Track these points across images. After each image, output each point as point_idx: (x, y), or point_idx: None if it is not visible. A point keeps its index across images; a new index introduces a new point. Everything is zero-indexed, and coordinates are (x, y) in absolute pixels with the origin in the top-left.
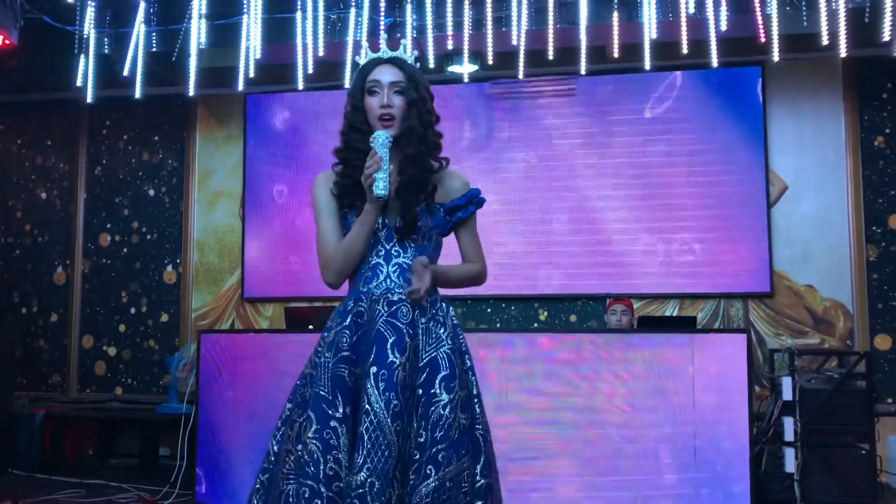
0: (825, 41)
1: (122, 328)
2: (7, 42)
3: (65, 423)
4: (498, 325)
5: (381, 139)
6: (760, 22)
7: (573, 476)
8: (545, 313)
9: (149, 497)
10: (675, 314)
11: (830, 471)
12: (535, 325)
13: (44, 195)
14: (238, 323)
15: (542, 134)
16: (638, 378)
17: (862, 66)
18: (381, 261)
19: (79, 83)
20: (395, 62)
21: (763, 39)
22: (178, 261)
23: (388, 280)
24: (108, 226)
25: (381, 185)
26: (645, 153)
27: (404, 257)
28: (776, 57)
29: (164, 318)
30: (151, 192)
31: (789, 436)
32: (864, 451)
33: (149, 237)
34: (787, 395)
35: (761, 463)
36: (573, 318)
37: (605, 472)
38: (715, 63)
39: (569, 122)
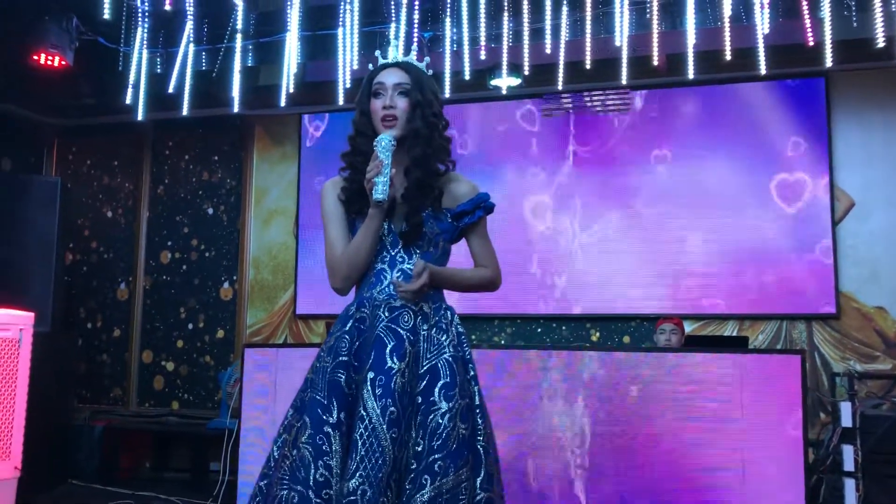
0: (881, 44)
1: (179, 344)
2: (63, 63)
3: (123, 435)
4: (549, 344)
5: (383, 143)
6: (809, 26)
7: (612, 500)
8: (597, 334)
9: None
10: (734, 335)
11: None
12: (587, 345)
13: (109, 214)
14: (290, 339)
15: (597, 150)
16: (682, 401)
17: None
18: (385, 267)
19: (128, 101)
20: (402, 65)
21: (812, 43)
22: (235, 278)
23: (392, 286)
24: (169, 243)
25: (380, 188)
26: (703, 168)
27: (409, 263)
28: (829, 62)
29: (220, 334)
30: (210, 211)
31: (849, 465)
32: None
33: (207, 254)
34: (847, 421)
35: (819, 494)
36: (626, 338)
37: (645, 498)
38: (763, 70)
39: (624, 137)
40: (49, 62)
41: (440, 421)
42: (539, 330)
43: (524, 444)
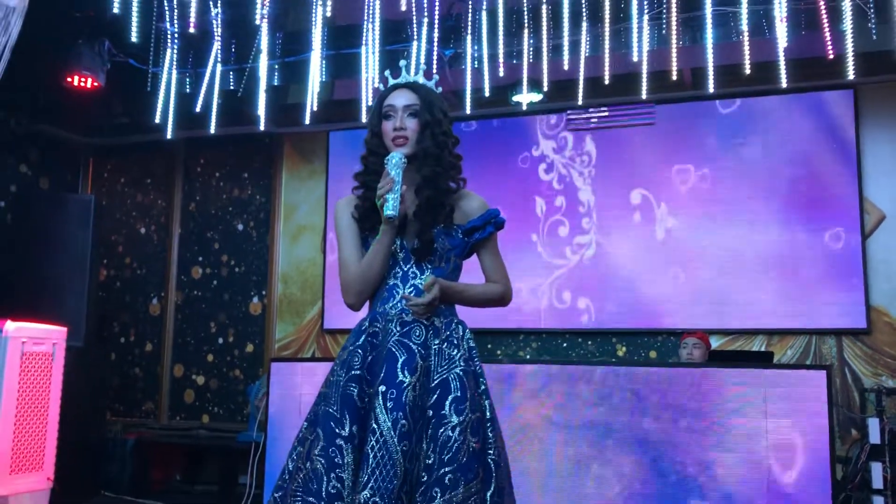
0: None
1: (210, 358)
2: (95, 84)
3: (154, 448)
4: (575, 359)
5: (394, 160)
6: (829, 39)
7: None
8: (624, 349)
9: None
10: (760, 350)
11: None
12: (613, 360)
13: (143, 230)
14: (318, 353)
15: (621, 164)
16: (705, 416)
17: None
18: (398, 282)
19: (158, 120)
20: (411, 86)
21: (832, 56)
22: (264, 293)
23: (403, 301)
24: (200, 259)
25: (391, 205)
26: (730, 183)
27: (421, 279)
28: (851, 75)
29: (250, 348)
30: (240, 227)
31: (878, 483)
32: None
33: (237, 270)
34: (875, 437)
35: None
36: (653, 353)
37: None
38: (784, 83)
39: (649, 152)
40: (82, 84)
41: (450, 434)
42: (565, 345)
43: (545, 456)
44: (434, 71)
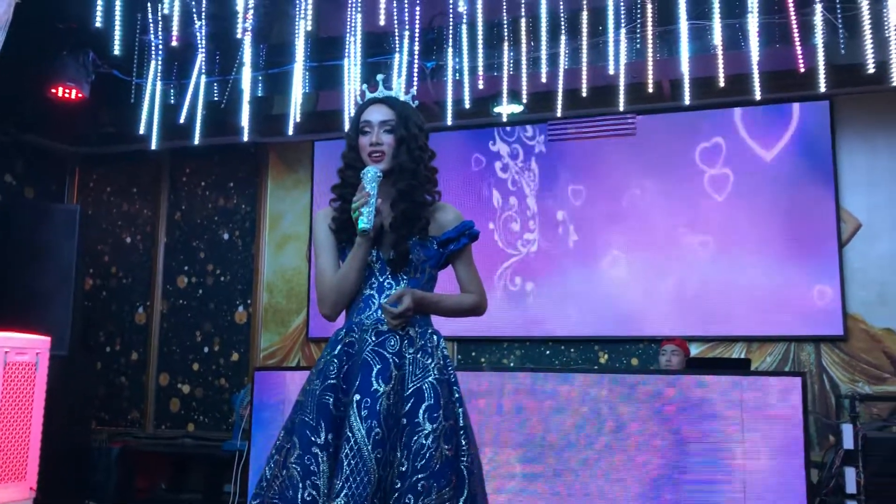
0: (871, 70)
1: (195, 367)
2: (80, 95)
3: (140, 457)
4: (558, 366)
5: (369, 174)
6: (800, 53)
7: None
8: (605, 356)
9: None
10: (738, 357)
11: None
12: (595, 367)
13: (128, 239)
14: (303, 362)
15: (603, 173)
16: (682, 422)
17: None
18: (373, 292)
19: (142, 131)
20: (387, 101)
21: (803, 69)
22: (249, 302)
23: (379, 311)
24: (186, 268)
25: (365, 218)
26: (709, 192)
27: (396, 289)
28: (822, 87)
29: (235, 357)
30: (226, 236)
31: (851, 488)
32: None
33: (222, 279)
34: (848, 443)
35: None
36: (635, 361)
37: None
38: (757, 95)
39: (630, 162)
40: (67, 95)
41: (424, 442)
42: (548, 352)
43: (525, 462)
44: (415, 82)
